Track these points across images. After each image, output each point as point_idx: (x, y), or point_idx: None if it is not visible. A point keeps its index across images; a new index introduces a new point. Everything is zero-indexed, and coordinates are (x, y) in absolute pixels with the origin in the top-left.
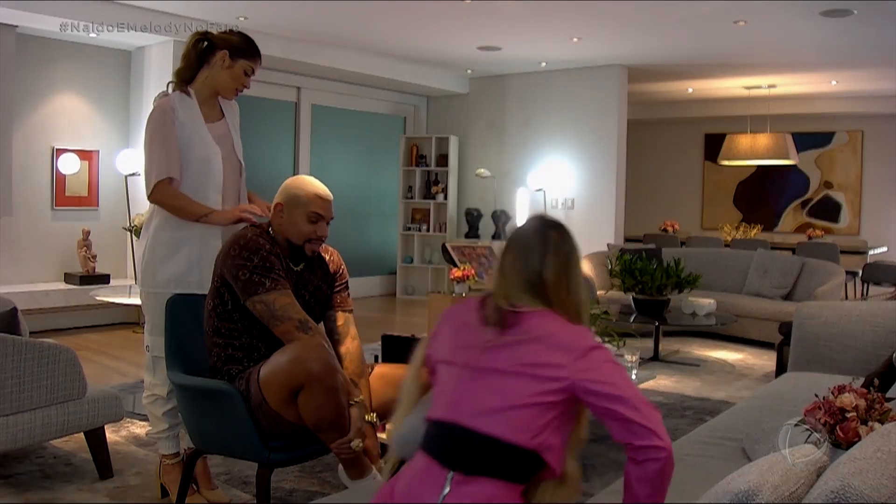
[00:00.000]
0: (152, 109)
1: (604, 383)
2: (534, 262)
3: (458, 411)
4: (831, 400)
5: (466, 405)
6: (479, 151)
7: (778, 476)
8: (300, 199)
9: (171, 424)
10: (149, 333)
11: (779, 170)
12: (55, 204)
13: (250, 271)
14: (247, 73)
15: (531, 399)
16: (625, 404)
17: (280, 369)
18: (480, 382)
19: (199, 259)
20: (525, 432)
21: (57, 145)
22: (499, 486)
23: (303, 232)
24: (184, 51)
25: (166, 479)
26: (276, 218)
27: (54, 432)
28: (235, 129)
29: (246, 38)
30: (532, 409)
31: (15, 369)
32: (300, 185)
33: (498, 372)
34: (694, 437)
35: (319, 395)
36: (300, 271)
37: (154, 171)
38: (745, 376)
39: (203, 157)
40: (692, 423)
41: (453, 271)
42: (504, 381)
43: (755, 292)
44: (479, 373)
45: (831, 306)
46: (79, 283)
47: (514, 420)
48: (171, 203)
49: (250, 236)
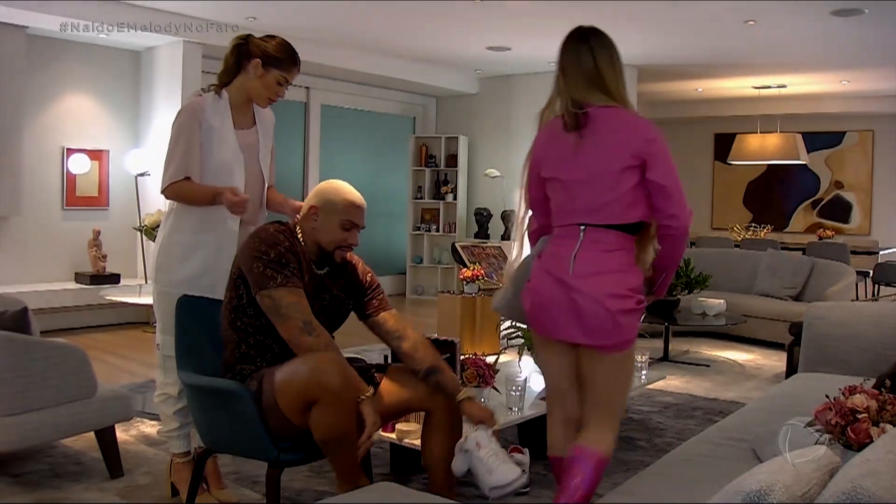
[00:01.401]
0: (182, 107)
1: (658, 171)
2: (587, 59)
3: (574, 215)
4: (842, 401)
5: (580, 210)
6: (488, 151)
7: (789, 476)
8: (336, 206)
9: (182, 423)
10: (160, 332)
11: (789, 170)
12: (65, 204)
13: (264, 264)
14: (280, 83)
15: (624, 187)
16: (669, 190)
17: (297, 378)
18: (582, 188)
19: (214, 264)
20: (628, 212)
21: (67, 145)
22: (619, 234)
23: (335, 239)
24: (225, 54)
25: (177, 478)
26: (308, 220)
27: (64, 431)
28: (267, 140)
29: (282, 47)
30: (626, 196)
31: (25, 368)
32: (337, 192)
33: (591, 174)
34: (704, 438)
35: (332, 413)
36: (323, 275)
37: (171, 170)
38: (755, 377)
39: (225, 161)
40: (702, 424)
41: (463, 271)
42: (600, 181)
43: (765, 293)
44: (575, 182)
45: (842, 307)
46: (89, 283)
47: (617, 207)
48: (183, 196)
49: (272, 231)
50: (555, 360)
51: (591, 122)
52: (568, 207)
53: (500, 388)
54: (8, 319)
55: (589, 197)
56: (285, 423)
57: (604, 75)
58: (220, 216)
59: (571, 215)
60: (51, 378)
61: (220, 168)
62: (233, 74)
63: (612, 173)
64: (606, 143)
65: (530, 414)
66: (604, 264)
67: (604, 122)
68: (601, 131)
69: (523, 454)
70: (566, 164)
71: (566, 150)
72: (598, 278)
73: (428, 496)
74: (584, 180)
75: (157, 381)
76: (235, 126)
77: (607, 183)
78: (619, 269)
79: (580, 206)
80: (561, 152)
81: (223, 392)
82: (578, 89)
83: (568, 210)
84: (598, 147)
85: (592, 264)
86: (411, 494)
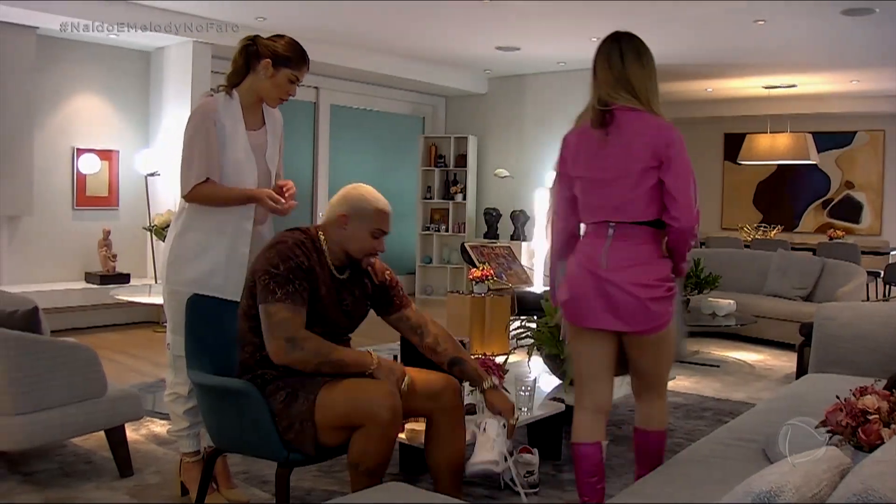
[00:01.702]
0: (195, 108)
1: (669, 174)
2: (616, 60)
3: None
4: (853, 402)
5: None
6: (497, 151)
7: (800, 477)
8: (367, 214)
9: (192, 423)
10: (171, 332)
11: (799, 170)
12: (76, 204)
13: (270, 277)
14: (291, 82)
15: (644, 187)
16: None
17: (347, 399)
18: (609, 186)
19: (225, 264)
20: (647, 210)
21: (77, 145)
22: (645, 228)
23: (365, 247)
24: (233, 55)
25: (186, 478)
26: (336, 228)
27: (74, 430)
28: (275, 139)
29: (291, 46)
30: (646, 195)
31: (36, 368)
32: (367, 199)
33: (617, 174)
34: (713, 439)
35: (374, 441)
36: (345, 279)
37: (194, 173)
38: (765, 377)
39: (238, 161)
40: (711, 425)
41: (472, 271)
42: (624, 180)
43: (775, 293)
44: (601, 182)
45: (852, 307)
46: (99, 283)
47: (640, 205)
48: (210, 198)
49: (290, 243)
50: (588, 348)
51: (617, 123)
52: (596, 205)
53: (509, 388)
54: (19, 319)
55: (615, 195)
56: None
57: (630, 77)
58: (234, 216)
59: (600, 212)
60: (61, 377)
61: (233, 168)
62: (242, 75)
63: (635, 173)
64: (631, 145)
65: (540, 414)
66: (633, 258)
67: (628, 124)
68: (626, 133)
69: (532, 454)
70: (593, 164)
71: (593, 149)
72: (629, 271)
73: (437, 496)
74: (610, 179)
75: (167, 381)
76: (246, 127)
77: (630, 182)
78: (648, 262)
79: (607, 203)
80: (589, 152)
81: (233, 392)
82: (606, 88)
83: (596, 207)
84: (623, 148)
85: (623, 258)
86: (421, 494)
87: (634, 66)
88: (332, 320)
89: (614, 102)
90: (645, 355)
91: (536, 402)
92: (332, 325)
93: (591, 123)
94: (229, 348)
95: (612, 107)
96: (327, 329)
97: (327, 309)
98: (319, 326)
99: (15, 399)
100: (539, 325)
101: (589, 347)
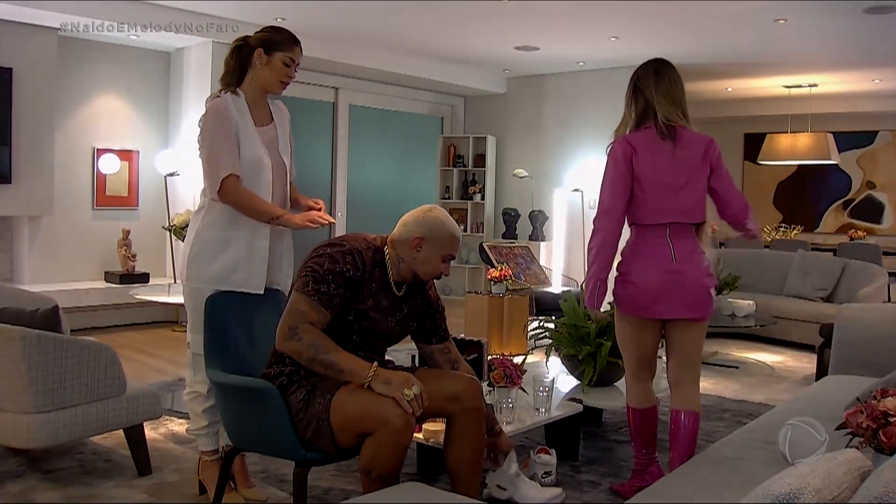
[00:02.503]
0: (207, 110)
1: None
2: (670, 86)
3: (666, 214)
4: (874, 404)
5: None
6: (516, 151)
7: (819, 480)
8: (443, 240)
9: (211, 422)
10: (190, 331)
11: (820, 170)
12: (96, 203)
13: (310, 273)
14: (287, 65)
15: (702, 193)
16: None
17: (360, 404)
18: (681, 191)
19: (247, 258)
20: (704, 212)
21: (98, 145)
22: (692, 227)
23: (434, 270)
24: (225, 57)
25: (204, 476)
26: (409, 249)
27: (94, 429)
28: (284, 134)
29: (278, 30)
30: (704, 198)
31: (56, 367)
32: (445, 224)
33: (688, 180)
34: (733, 440)
35: (386, 448)
36: (400, 296)
37: (222, 168)
38: (785, 379)
39: (255, 158)
40: (731, 426)
41: (490, 271)
42: (693, 186)
43: (795, 294)
44: (674, 187)
45: (874, 308)
46: (119, 282)
47: (702, 208)
48: (246, 203)
49: (346, 248)
50: (650, 335)
51: (679, 137)
52: (666, 207)
53: (527, 388)
54: (39, 318)
55: (685, 199)
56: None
57: (682, 101)
58: None
59: (668, 215)
60: (81, 376)
61: (251, 165)
62: (236, 75)
63: (701, 180)
64: (695, 156)
65: (557, 415)
66: (694, 251)
67: (688, 139)
68: (689, 147)
69: (550, 455)
70: (668, 171)
71: (666, 158)
72: (694, 263)
73: (455, 496)
74: (682, 185)
75: (186, 379)
76: (255, 124)
77: (698, 188)
78: (703, 254)
79: (678, 206)
80: (662, 161)
81: (252, 391)
82: (665, 108)
83: (665, 210)
84: (691, 159)
85: (687, 252)
86: (438, 494)
87: (682, 93)
88: (375, 333)
89: (675, 121)
90: (695, 339)
91: (554, 403)
92: (372, 336)
93: (661, 137)
94: (253, 344)
95: (675, 124)
96: (365, 339)
97: (374, 321)
98: (359, 336)
99: (36, 397)
100: (557, 326)
101: (651, 335)
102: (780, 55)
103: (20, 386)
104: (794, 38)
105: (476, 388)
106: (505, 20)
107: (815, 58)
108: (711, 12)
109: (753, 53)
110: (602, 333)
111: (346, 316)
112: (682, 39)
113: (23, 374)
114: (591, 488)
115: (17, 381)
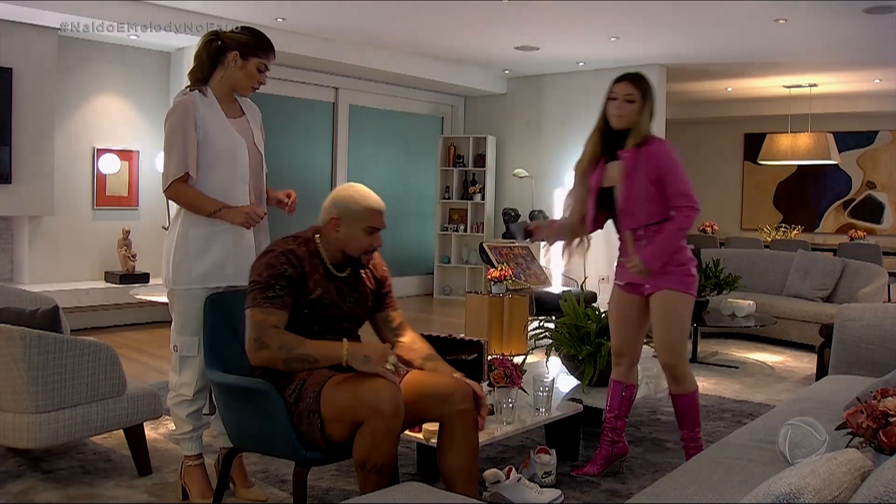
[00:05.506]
0: (173, 106)
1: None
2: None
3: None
4: (874, 404)
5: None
6: (516, 151)
7: (819, 480)
8: (358, 214)
9: (195, 426)
10: (177, 333)
11: (820, 170)
12: (96, 203)
13: (253, 285)
14: (261, 70)
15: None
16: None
17: (350, 394)
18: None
19: (235, 251)
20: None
21: (98, 145)
22: None
23: (361, 246)
24: (196, 51)
25: (188, 481)
26: (330, 231)
27: (94, 429)
28: (257, 127)
29: (256, 35)
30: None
31: (56, 367)
32: (356, 199)
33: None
34: (733, 440)
35: (378, 436)
36: (346, 277)
37: (172, 168)
38: (785, 379)
39: (229, 148)
40: (731, 426)
41: (490, 271)
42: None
43: (795, 294)
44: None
45: (874, 308)
46: (119, 282)
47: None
48: (185, 200)
49: (277, 252)
50: None
51: None
52: None
53: (527, 388)
54: (39, 318)
55: None
56: (316, 434)
57: None
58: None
59: None
60: (81, 376)
61: (225, 155)
62: (206, 71)
63: None
64: None
65: (557, 415)
66: None
67: None
68: None
69: (550, 455)
70: None
71: None
72: None
73: (454, 496)
74: None
75: (171, 383)
76: (227, 116)
77: None
78: None
79: None
80: None
81: (251, 391)
82: None
83: None
84: None
85: None
86: (438, 494)
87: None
88: (336, 318)
89: None
90: None
91: (554, 403)
92: (335, 322)
93: None
94: None
95: None
96: (331, 327)
97: (329, 308)
98: (321, 325)
99: (36, 397)
100: (557, 326)
101: None
102: (780, 55)
103: (20, 386)
104: (794, 38)
105: (466, 390)
106: (505, 20)
107: (815, 58)
108: (711, 12)
109: (753, 53)
110: (602, 333)
111: (302, 310)
112: (682, 39)
113: (23, 374)
114: (591, 488)
115: (18, 381)
